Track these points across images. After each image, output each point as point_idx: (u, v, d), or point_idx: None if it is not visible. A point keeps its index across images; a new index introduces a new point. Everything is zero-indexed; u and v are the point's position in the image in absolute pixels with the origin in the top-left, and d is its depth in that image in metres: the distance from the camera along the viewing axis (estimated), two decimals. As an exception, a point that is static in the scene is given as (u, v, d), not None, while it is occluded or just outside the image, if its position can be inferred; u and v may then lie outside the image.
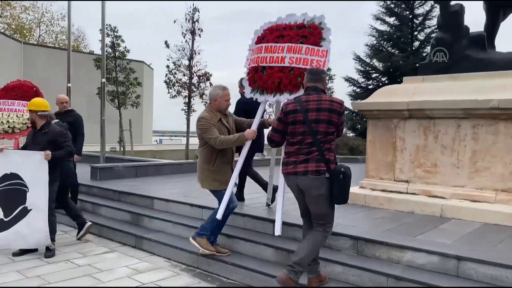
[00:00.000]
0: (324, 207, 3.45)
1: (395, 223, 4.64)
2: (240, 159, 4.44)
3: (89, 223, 5.59)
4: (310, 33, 4.06)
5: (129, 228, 5.67)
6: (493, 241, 3.92)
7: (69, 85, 10.77)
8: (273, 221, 4.67)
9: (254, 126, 4.41)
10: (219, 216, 4.25)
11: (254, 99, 4.57)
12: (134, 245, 5.37)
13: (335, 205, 3.54)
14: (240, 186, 5.72)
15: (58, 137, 4.91)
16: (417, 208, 5.21)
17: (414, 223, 4.70)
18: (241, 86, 5.36)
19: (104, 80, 10.36)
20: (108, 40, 16.92)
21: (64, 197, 5.56)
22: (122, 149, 17.88)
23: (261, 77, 4.30)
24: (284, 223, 4.58)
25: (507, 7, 6.76)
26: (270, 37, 4.27)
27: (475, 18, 7.05)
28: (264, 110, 4.64)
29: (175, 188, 7.12)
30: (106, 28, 13.50)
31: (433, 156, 5.36)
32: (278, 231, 3.97)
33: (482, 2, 6.77)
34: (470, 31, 5.91)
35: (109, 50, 17.12)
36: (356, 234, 4.06)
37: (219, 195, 4.35)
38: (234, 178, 4.37)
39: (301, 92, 4.00)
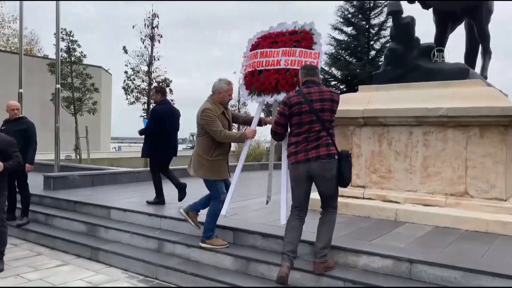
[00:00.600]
0: (334, 188, 3.75)
1: (352, 228, 4.75)
2: (241, 158, 4.69)
3: None
4: (302, 38, 4.37)
5: (85, 240, 5.47)
6: (443, 244, 4.10)
7: (21, 90, 10.33)
8: (232, 229, 4.69)
9: (254, 126, 4.61)
10: (223, 212, 4.46)
11: (251, 101, 4.79)
12: (89, 257, 5.19)
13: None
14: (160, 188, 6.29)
15: (8, 146, 4.68)
16: (373, 213, 5.36)
17: (370, 227, 4.83)
18: (155, 93, 6.42)
19: (58, 85, 10.00)
20: (63, 45, 16.39)
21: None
22: (78, 157, 17.28)
23: (258, 80, 4.53)
24: (244, 231, 4.60)
25: (454, 20, 7.16)
26: (265, 43, 4.56)
27: (427, 29, 7.40)
28: (262, 111, 4.92)
29: (133, 197, 6.96)
30: (61, 32, 13.06)
31: (387, 162, 5.55)
32: (283, 219, 4.18)
33: (432, 15, 7.13)
34: (421, 42, 6.19)
35: (64, 54, 16.57)
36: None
37: (211, 185, 4.45)
38: (236, 177, 4.57)
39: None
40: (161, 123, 6.04)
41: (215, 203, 4.44)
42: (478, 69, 7.13)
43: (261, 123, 4.74)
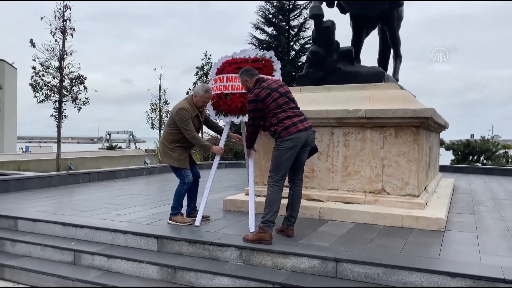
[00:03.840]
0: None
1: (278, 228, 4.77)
2: (213, 168, 5.20)
3: None
4: (264, 65, 4.97)
5: (-13, 256, 4.88)
6: (365, 241, 4.28)
7: None
8: (156, 237, 4.47)
9: (222, 144, 5.19)
10: (197, 223, 4.89)
11: (218, 121, 5.39)
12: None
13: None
14: None
15: None
16: (299, 212, 5.45)
17: (296, 227, 4.88)
18: None
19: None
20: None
21: None
22: (-23, 160, 15.53)
23: (225, 102, 5.06)
24: (169, 238, 4.41)
25: (369, 26, 7.57)
26: (230, 68, 5.09)
27: (347, 32, 7.73)
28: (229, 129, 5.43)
29: (44, 205, 6.38)
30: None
31: (310, 162, 5.68)
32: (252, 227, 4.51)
33: (349, 19, 7.46)
34: (341, 45, 6.43)
35: (-41, 46, 14.75)
36: (243, 244, 4.07)
37: (176, 171, 5.00)
38: (209, 182, 5.10)
39: None
40: None
41: (180, 185, 4.97)
42: (390, 71, 7.62)
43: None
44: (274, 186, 4.17)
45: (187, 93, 21.22)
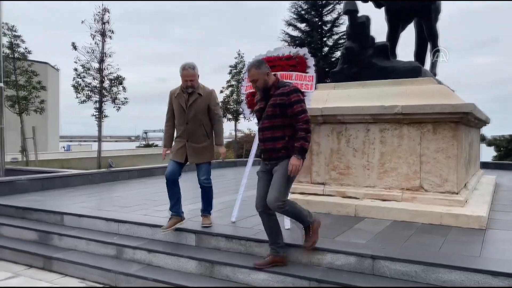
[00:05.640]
0: None
1: (314, 226, 4.79)
2: (248, 163, 5.11)
3: None
4: (297, 63, 4.91)
5: (37, 248, 5.17)
6: (402, 238, 4.23)
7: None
8: (194, 232, 4.59)
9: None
10: (233, 219, 4.95)
11: (253, 118, 5.26)
12: (42, 267, 4.91)
13: None
14: None
15: None
16: (333, 209, 5.45)
17: (332, 224, 4.90)
18: None
19: (1, 84, 9.37)
20: (5, 40, 15.39)
21: None
22: (25, 159, 16.36)
23: None
24: (207, 234, 4.53)
25: (405, 20, 7.41)
26: None
27: (382, 27, 7.61)
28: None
29: (88, 201, 6.67)
30: (3, 27, 12.25)
31: (346, 159, 5.66)
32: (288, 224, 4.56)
33: (385, 14, 7.33)
34: (376, 41, 6.35)
35: (7, 51, 15.58)
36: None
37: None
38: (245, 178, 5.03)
39: None
40: None
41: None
42: (427, 66, 7.44)
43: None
44: (288, 203, 3.69)
45: (221, 91, 21.45)
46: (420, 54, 7.85)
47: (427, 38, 7.42)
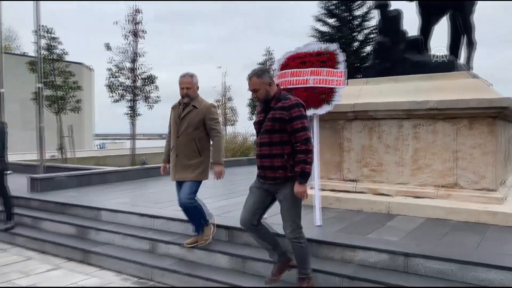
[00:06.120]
0: None
1: (345, 222, 4.77)
2: None
3: None
4: (328, 59, 4.80)
5: (75, 242, 5.38)
6: (437, 236, 4.14)
7: (2, 90, 10.05)
8: (226, 227, 4.66)
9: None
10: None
11: None
12: (81, 260, 5.11)
13: None
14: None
15: None
16: (365, 206, 5.40)
17: (363, 221, 4.86)
18: None
19: (41, 84, 9.77)
20: (43, 42, 16.00)
21: None
22: (62, 156, 16.98)
23: None
24: (239, 229, 4.57)
25: (439, 12, 7.20)
26: (293, 63, 4.99)
27: (415, 21, 7.44)
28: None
29: (123, 197, 6.87)
30: (41, 29, 12.74)
31: (378, 156, 5.58)
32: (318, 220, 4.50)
33: (416, 7, 7.16)
34: (408, 35, 6.22)
35: (45, 52, 16.19)
36: (309, 236, 4.09)
37: None
38: None
39: (324, 107, 4.68)
40: None
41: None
42: (462, 60, 7.21)
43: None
44: (304, 236, 3.47)
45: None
46: (454, 48, 7.61)
47: (462, 31, 7.19)
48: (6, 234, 6.02)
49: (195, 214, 4.36)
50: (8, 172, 6.32)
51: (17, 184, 7.42)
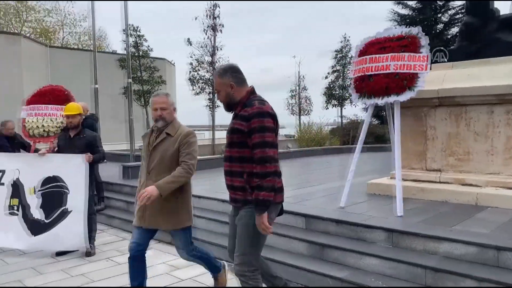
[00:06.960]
0: None
1: (429, 213, 4.60)
2: (357, 150, 5.04)
3: None
4: (410, 43, 4.63)
5: (163, 225, 5.79)
6: (533, 230, 3.84)
7: (96, 86, 11.02)
8: (304, 215, 4.72)
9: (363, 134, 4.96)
10: (342, 204, 4.83)
11: (361, 104, 5.24)
12: (170, 242, 5.48)
13: None
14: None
15: (94, 141, 5.09)
16: (451, 197, 5.14)
17: (449, 212, 4.64)
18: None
19: (130, 80, 10.54)
20: (131, 40, 17.18)
21: None
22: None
23: (368, 84, 4.84)
24: (316, 217, 4.62)
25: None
26: (373, 49, 4.88)
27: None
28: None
29: (205, 184, 7.23)
30: (129, 28, 13.71)
31: (465, 144, 5.27)
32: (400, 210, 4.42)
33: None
34: (501, 13, 5.74)
35: (133, 49, 17.38)
36: (390, 226, 4.05)
37: None
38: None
39: (406, 93, 4.56)
40: None
41: None
42: None
43: None
44: (256, 276, 2.80)
45: (326, 77, 21.17)
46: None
47: None
48: (105, 216, 6.65)
49: (205, 258, 3.81)
50: (104, 161, 6.95)
51: (111, 172, 8.13)
